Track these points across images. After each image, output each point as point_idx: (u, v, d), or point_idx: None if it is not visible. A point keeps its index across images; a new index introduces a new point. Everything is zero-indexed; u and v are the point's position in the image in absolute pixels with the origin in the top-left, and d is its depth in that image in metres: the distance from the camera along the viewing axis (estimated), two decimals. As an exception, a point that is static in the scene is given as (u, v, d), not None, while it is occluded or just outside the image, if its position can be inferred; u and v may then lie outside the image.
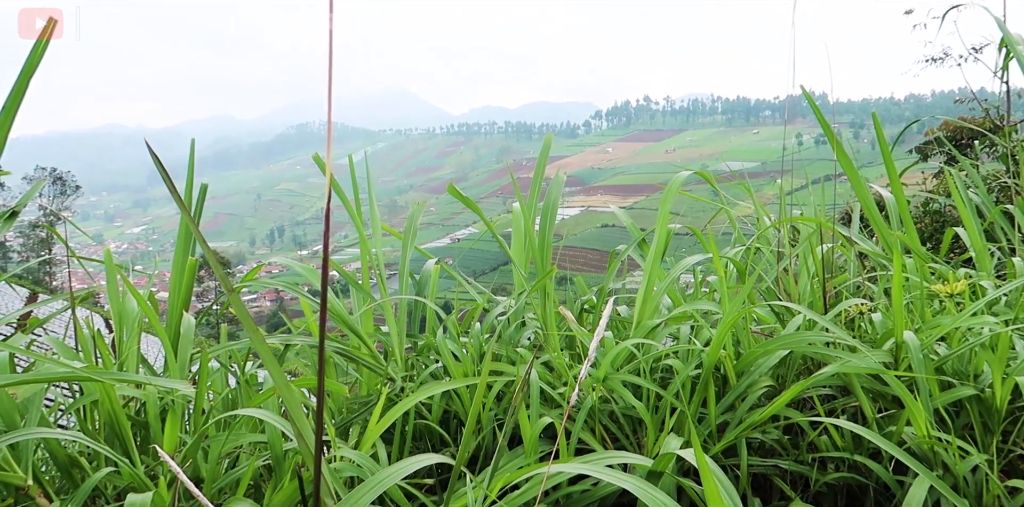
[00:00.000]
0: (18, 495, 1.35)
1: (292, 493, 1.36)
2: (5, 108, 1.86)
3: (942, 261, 2.78)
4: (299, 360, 2.30)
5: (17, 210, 2.15)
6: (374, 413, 1.48)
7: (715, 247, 1.98)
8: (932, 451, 1.49)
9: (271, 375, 0.91)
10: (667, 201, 2.05)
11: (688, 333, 1.95)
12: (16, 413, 1.36)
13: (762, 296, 2.32)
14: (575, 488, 1.50)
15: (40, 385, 1.35)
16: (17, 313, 2.32)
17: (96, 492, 1.45)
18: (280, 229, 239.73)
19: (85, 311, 11.33)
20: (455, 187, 2.23)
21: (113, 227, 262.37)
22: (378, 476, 1.05)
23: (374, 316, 2.30)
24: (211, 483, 1.44)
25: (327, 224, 0.67)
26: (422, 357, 2.12)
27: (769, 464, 1.65)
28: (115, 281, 2.00)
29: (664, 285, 1.99)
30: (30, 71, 1.87)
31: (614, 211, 2.74)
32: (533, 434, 1.53)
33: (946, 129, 8.88)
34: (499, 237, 2.26)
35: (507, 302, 2.24)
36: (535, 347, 2.11)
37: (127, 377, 1.36)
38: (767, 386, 1.72)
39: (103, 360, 1.87)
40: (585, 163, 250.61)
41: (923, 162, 9.06)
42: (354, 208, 2.25)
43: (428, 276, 2.31)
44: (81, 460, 1.42)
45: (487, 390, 1.80)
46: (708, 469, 0.88)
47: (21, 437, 1.19)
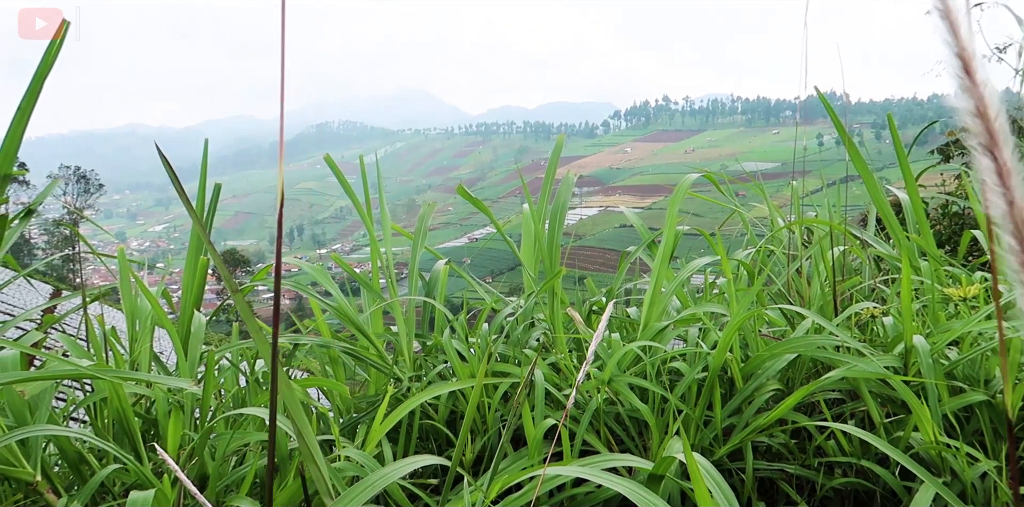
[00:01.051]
0: (27, 490, 1.37)
1: (296, 492, 1.38)
2: (20, 109, 1.89)
3: (959, 264, 2.74)
4: (308, 360, 2.31)
5: (33, 208, 2.18)
6: (378, 413, 1.49)
7: (722, 249, 1.97)
8: (940, 457, 1.48)
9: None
10: (675, 203, 2.04)
11: (696, 335, 1.94)
12: (26, 410, 1.38)
13: (773, 299, 2.30)
14: (579, 490, 1.51)
15: (49, 382, 1.37)
16: (38, 308, 2.36)
17: (104, 489, 1.47)
18: (299, 228, 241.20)
19: (107, 308, 11.49)
20: (464, 188, 2.23)
21: (136, 225, 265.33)
22: (373, 476, 1.06)
23: (387, 316, 2.31)
24: (217, 480, 1.45)
25: (279, 232, 0.68)
26: (430, 357, 2.13)
27: (775, 468, 1.64)
28: (128, 280, 2.03)
29: (672, 287, 1.98)
30: (44, 72, 1.90)
31: (624, 212, 2.73)
32: (537, 436, 1.53)
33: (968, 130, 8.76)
34: (507, 239, 2.26)
35: (516, 303, 2.24)
36: (543, 348, 2.11)
37: (130, 375, 1.38)
38: (774, 390, 1.71)
39: (115, 358, 1.89)
40: (603, 163, 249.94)
41: (945, 163, 8.94)
42: (364, 209, 2.26)
43: (438, 276, 2.32)
44: (89, 457, 1.44)
45: (494, 391, 1.81)
46: (697, 470, 0.87)
47: (28, 434, 1.21)
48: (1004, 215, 0.37)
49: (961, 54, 0.38)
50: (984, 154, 0.37)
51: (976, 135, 0.37)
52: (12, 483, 1.40)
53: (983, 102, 0.37)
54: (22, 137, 1.96)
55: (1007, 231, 0.37)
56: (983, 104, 0.37)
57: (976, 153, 0.37)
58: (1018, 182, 0.37)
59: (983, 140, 0.37)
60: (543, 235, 2.14)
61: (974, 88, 0.37)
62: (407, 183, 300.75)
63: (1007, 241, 0.37)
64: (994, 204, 0.37)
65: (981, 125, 0.37)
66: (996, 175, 0.37)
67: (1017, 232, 0.37)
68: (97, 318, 1.85)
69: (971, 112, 0.38)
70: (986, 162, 0.37)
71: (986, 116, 0.37)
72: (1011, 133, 0.36)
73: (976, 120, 0.37)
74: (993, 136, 0.37)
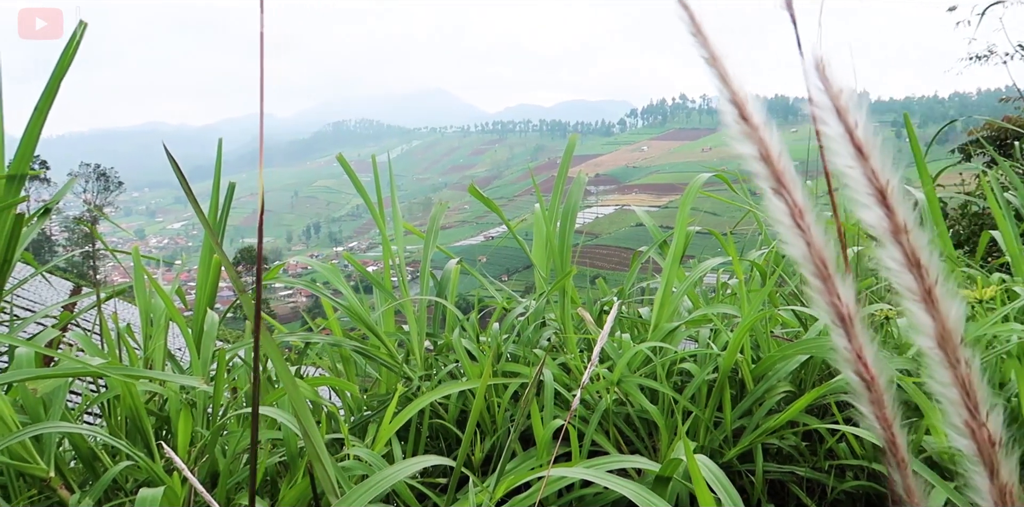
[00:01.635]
0: (41, 486, 1.39)
1: (304, 490, 1.38)
2: (37, 109, 1.91)
3: (977, 266, 2.71)
4: (319, 358, 2.33)
5: (50, 207, 2.21)
6: (387, 412, 1.49)
7: (734, 249, 1.95)
8: (953, 461, 1.46)
9: (278, 374, 0.92)
10: (686, 203, 2.03)
11: (707, 336, 1.93)
12: (40, 407, 1.40)
13: (786, 300, 2.29)
14: (587, 491, 1.50)
15: (62, 380, 1.39)
16: (56, 305, 2.38)
17: (117, 485, 1.49)
18: (316, 225, 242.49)
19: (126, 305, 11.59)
20: (476, 188, 2.24)
21: (155, 222, 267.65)
22: (377, 476, 1.06)
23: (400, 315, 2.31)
24: (227, 478, 1.47)
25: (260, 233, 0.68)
26: (441, 356, 2.13)
27: (785, 470, 1.63)
28: (143, 278, 2.05)
29: (683, 288, 1.97)
30: (61, 73, 1.92)
31: (636, 211, 2.72)
32: (545, 436, 1.53)
33: (989, 129, 8.65)
34: (519, 238, 2.26)
35: (526, 302, 2.24)
36: (553, 348, 2.11)
37: (137, 373, 1.39)
38: (786, 391, 1.70)
39: (129, 355, 1.91)
40: (620, 162, 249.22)
41: (966, 162, 8.83)
42: (376, 208, 2.26)
43: (449, 276, 2.32)
44: (101, 454, 1.46)
45: (503, 390, 1.81)
46: (699, 472, 0.87)
47: (39, 430, 1.22)
48: (804, 256, 0.36)
49: (734, 99, 0.37)
50: (775, 196, 0.37)
51: (764, 179, 0.37)
52: (27, 479, 1.42)
53: (765, 146, 0.37)
54: (39, 137, 1.98)
55: (809, 271, 0.36)
56: (765, 148, 0.37)
57: (768, 196, 0.37)
58: (813, 221, 0.36)
59: (771, 184, 0.37)
60: (554, 235, 2.14)
61: (754, 133, 0.37)
62: (423, 181, 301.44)
63: (812, 282, 0.37)
64: (793, 245, 0.36)
65: (766, 169, 0.37)
66: (790, 217, 0.37)
67: (819, 272, 0.36)
68: (112, 316, 1.86)
69: (755, 157, 0.37)
70: (778, 204, 0.37)
71: (770, 159, 0.37)
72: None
73: (761, 164, 0.37)
74: (779, 178, 0.37)
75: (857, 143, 0.34)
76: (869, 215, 0.34)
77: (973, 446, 0.35)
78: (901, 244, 0.34)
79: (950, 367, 0.34)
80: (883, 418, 0.36)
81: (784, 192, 0.36)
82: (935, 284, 0.33)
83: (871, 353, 0.36)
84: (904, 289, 0.34)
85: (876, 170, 0.34)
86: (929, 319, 0.34)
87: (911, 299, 0.34)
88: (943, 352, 0.34)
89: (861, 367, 0.36)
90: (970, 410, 0.34)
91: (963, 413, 0.34)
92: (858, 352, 0.36)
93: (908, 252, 0.34)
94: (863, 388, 0.36)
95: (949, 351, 0.34)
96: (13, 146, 1.95)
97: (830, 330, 0.39)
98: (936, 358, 0.34)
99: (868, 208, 0.34)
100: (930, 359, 0.34)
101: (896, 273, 0.34)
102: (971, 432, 0.34)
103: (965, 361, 0.34)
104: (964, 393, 0.34)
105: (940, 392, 0.34)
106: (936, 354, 0.34)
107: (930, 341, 0.34)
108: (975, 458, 0.35)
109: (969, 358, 0.34)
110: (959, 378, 0.34)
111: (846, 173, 0.35)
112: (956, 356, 0.34)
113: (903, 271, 0.34)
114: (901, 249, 0.34)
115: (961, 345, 0.33)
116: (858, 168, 0.34)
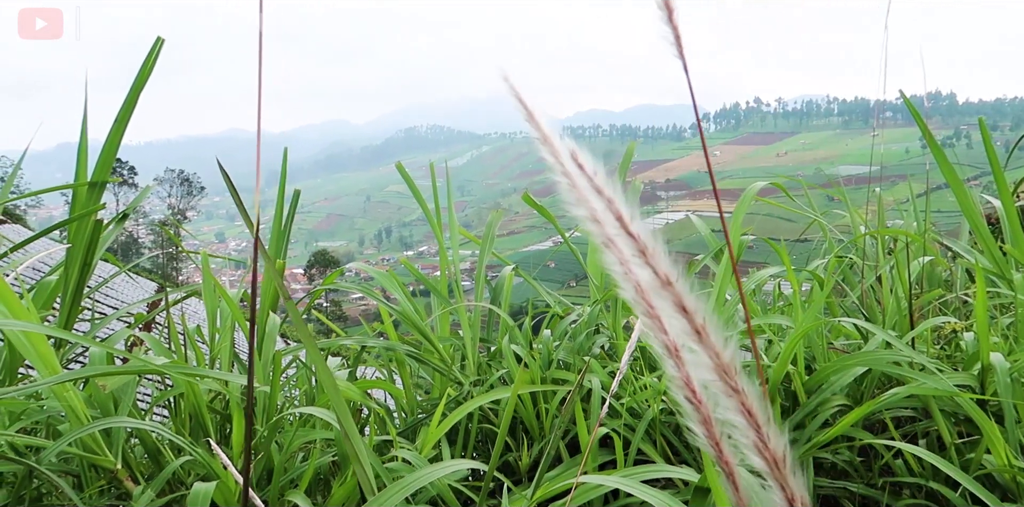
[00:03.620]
0: (110, 477, 1.48)
1: (353, 488, 1.43)
2: (117, 120, 2.03)
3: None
4: (374, 361, 2.38)
5: (128, 213, 2.33)
6: (434, 416, 1.53)
7: (787, 258, 1.92)
8: (1015, 481, 1.40)
9: (320, 378, 0.96)
10: (740, 211, 2.00)
11: (761, 347, 1.90)
12: (110, 402, 1.48)
13: (846, 312, 2.23)
14: (632, 499, 1.50)
15: (130, 377, 1.47)
16: (138, 303, 2.52)
17: (178, 479, 1.57)
18: (388, 230, 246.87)
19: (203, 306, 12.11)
20: (529, 196, 2.26)
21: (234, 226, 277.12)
22: (410, 477, 1.09)
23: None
24: (281, 475, 1.52)
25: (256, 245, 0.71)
26: (494, 362, 2.16)
27: (838, 486, 1.59)
28: (210, 281, 2.14)
29: (735, 297, 1.94)
30: (140, 85, 2.03)
31: (692, 219, 2.70)
32: (591, 443, 1.54)
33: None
34: (573, 247, 2.27)
35: (580, 310, 2.25)
36: (605, 356, 2.11)
37: (193, 371, 1.47)
38: (840, 405, 1.66)
39: (196, 355, 2.01)
40: (691, 166, 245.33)
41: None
42: (433, 217, 2.31)
43: (503, 282, 2.35)
44: (164, 448, 1.54)
45: (552, 397, 1.82)
46: (716, 481, 0.86)
47: (106, 425, 1.30)
48: (633, 298, 0.37)
49: (565, 173, 0.39)
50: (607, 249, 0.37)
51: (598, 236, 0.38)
52: (98, 470, 1.51)
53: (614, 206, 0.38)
54: (119, 146, 2.10)
55: (639, 310, 0.37)
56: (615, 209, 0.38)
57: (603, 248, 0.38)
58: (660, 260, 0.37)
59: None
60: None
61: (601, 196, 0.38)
62: (492, 186, 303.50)
63: (642, 319, 0.38)
64: (623, 288, 0.37)
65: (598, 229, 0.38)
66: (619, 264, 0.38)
67: (648, 311, 0.37)
68: (180, 317, 1.96)
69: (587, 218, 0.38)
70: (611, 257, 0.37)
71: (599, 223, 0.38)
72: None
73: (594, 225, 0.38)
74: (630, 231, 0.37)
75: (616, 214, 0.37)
76: (641, 273, 0.37)
77: (763, 463, 0.37)
78: (669, 295, 0.37)
79: (734, 394, 0.37)
80: (711, 435, 0.39)
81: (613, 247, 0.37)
82: (703, 325, 0.37)
83: (697, 380, 0.38)
84: (680, 332, 0.37)
85: (636, 234, 0.37)
86: (706, 356, 0.37)
87: (689, 340, 0.37)
88: (723, 383, 0.37)
89: (689, 393, 0.38)
90: (756, 431, 0.37)
91: (751, 435, 0.37)
92: (686, 379, 0.38)
93: (676, 301, 0.36)
94: (692, 410, 0.39)
95: (728, 381, 0.37)
96: (97, 154, 2.07)
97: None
98: (719, 389, 0.37)
99: (639, 267, 0.37)
100: (714, 390, 0.37)
101: (671, 317, 0.37)
102: (758, 451, 0.37)
103: (743, 389, 0.37)
104: (748, 416, 0.37)
105: (730, 418, 0.37)
106: (718, 386, 0.37)
107: (712, 374, 0.37)
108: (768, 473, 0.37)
109: (747, 386, 0.37)
110: (742, 404, 0.37)
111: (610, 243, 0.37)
112: (734, 385, 0.37)
113: (676, 316, 0.37)
114: (671, 298, 0.36)
115: (738, 375, 0.37)
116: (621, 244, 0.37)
